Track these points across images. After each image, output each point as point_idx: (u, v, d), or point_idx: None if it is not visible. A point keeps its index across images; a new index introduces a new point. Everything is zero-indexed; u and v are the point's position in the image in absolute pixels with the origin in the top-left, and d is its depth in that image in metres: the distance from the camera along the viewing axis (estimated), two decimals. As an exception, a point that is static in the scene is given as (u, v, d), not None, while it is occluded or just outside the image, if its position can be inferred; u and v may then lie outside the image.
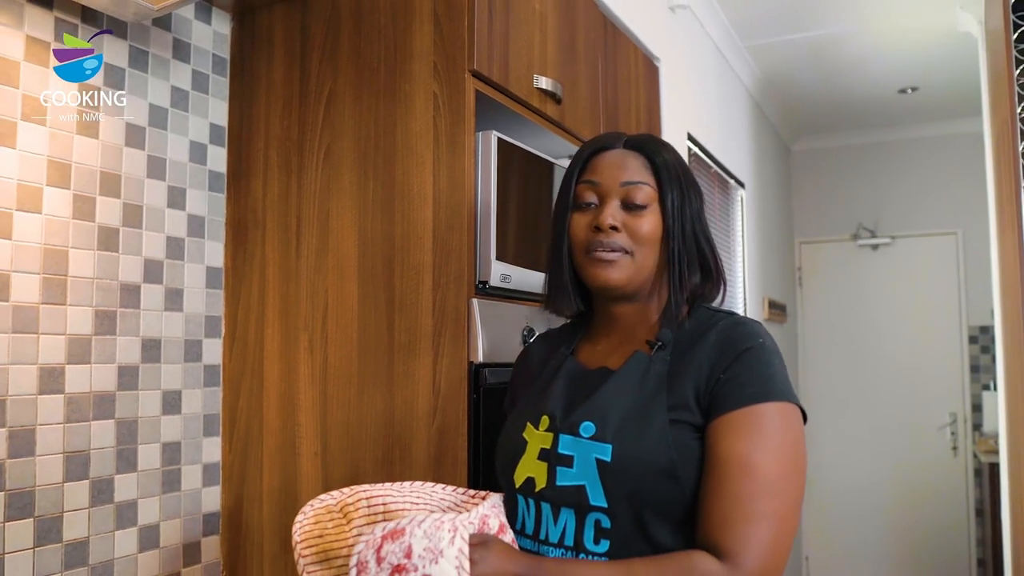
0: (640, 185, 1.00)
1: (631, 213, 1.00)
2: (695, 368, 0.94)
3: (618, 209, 1.00)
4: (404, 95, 1.46)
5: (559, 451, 0.94)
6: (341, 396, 1.49)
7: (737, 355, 0.92)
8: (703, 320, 1.01)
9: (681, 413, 0.91)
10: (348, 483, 1.46)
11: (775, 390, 0.90)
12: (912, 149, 4.82)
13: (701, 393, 0.92)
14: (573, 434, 0.94)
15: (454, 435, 1.36)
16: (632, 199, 1.00)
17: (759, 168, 4.09)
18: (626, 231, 0.99)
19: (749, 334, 0.95)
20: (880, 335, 4.79)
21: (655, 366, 0.96)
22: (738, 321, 0.99)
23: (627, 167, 1.02)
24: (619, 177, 1.01)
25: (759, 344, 0.94)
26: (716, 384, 0.91)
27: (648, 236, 0.99)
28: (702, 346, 0.95)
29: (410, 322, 1.42)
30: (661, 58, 2.44)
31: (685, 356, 0.96)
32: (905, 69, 3.84)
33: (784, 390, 0.92)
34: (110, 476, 1.41)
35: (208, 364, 1.62)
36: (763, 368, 0.92)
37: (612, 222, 0.99)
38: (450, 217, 1.39)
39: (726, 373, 0.91)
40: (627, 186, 1.00)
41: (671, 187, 1.00)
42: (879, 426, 4.73)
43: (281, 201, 1.59)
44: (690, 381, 0.93)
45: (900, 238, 4.84)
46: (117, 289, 1.44)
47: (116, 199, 1.44)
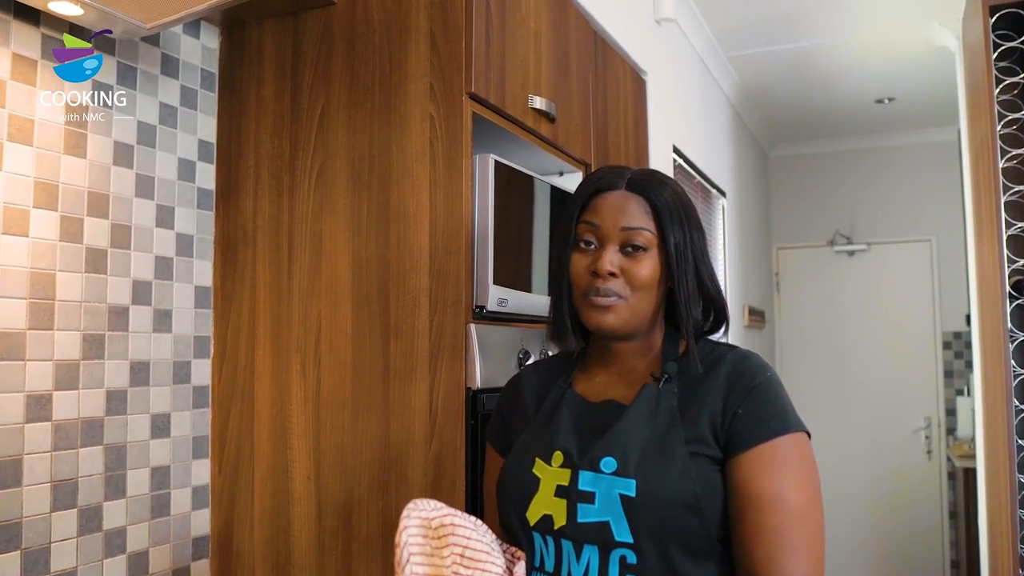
0: (640, 231, 1.00)
1: (630, 257, 1.00)
2: (708, 402, 0.96)
3: (616, 254, 1.00)
4: (399, 116, 1.45)
5: (580, 488, 0.94)
6: (335, 420, 1.47)
7: (750, 390, 0.95)
8: (706, 353, 1.02)
9: (699, 447, 0.94)
10: (342, 508, 1.44)
11: (790, 422, 0.95)
12: (888, 157, 4.90)
13: (718, 428, 0.94)
14: (594, 470, 0.94)
15: (452, 462, 1.35)
16: (631, 243, 1.00)
17: (739, 176, 4.12)
18: (624, 276, 1.00)
19: (758, 368, 0.98)
20: (856, 340, 4.86)
21: (664, 399, 0.98)
22: (744, 355, 1.01)
23: (627, 211, 1.01)
24: (619, 221, 1.01)
25: (768, 378, 0.97)
26: (733, 419, 0.94)
27: (645, 281, 1.00)
28: (712, 381, 0.97)
29: (406, 347, 1.41)
30: (648, 71, 2.45)
31: (695, 390, 0.98)
32: (882, 80, 3.90)
33: (796, 420, 0.96)
34: (98, 504, 1.38)
35: (197, 385, 1.59)
36: (776, 401, 0.96)
37: (610, 268, 0.99)
38: (447, 241, 1.38)
39: (743, 407, 0.94)
40: (627, 231, 1.00)
41: (672, 230, 1.00)
42: (854, 430, 4.80)
43: (272, 221, 1.57)
44: (704, 415, 0.95)
45: (876, 244, 4.91)
46: (105, 312, 1.41)
47: (104, 219, 1.41)
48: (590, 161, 1.93)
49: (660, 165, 2.58)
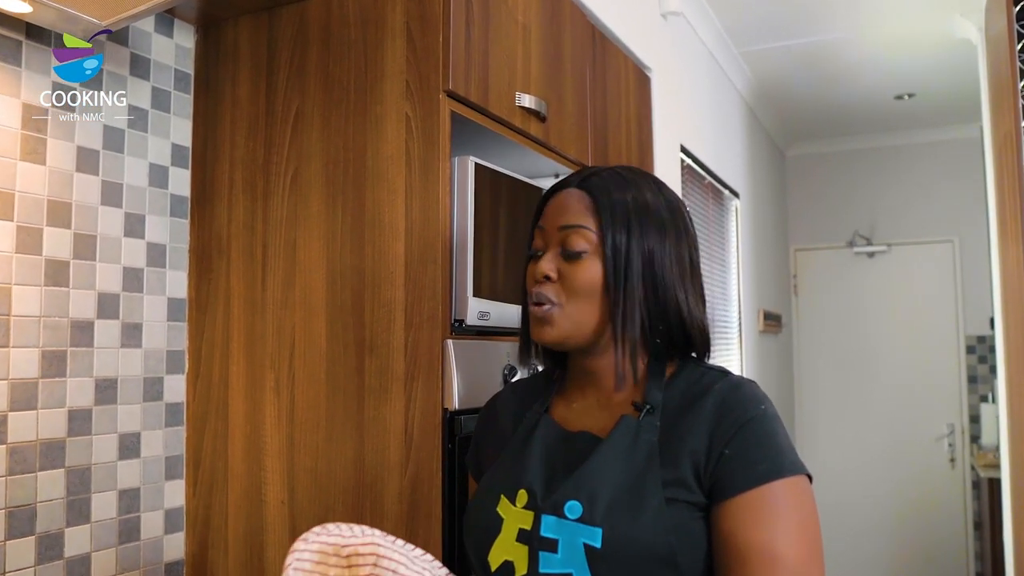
0: (577, 229, 0.91)
1: (569, 261, 0.91)
2: (692, 439, 0.85)
3: (555, 257, 0.92)
4: (375, 117, 1.36)
5: (542, 534, 0.84)
6: (309, 441, 1.39)
7: (740, 426, 0.83)
8: (694, 380, 0.91)
9: (678, 491, 0.83)
10: (317, 534, 1.36)
11: (786, 464, 0.83)
12: (908, 155, 4.75)
13: (702, 469, 0.83)
14: (557, 515, 0.84)
15: (427, 488, 1.26)
16: (569, 245, 0.91)
17: (753, 176, 4.00)
18: (561, 281, 0.91)
19: (750, 400, 0.86)
20: (876, 344, 4.71)
21: (644, 433, 0.87)
22: (735, 384, 0.89)
23: (568, 209, 0.93)
24: (559, 220, 0.93)
25: (762, 412, 0.85)
26: (720, 460, 0.83)
27: (582, 286, 0.90)
28: (697, 413, 0.86)
29: (381, 364, 1.32)
30: (653, 68, 2.35)
31: (678, 422, 0.87)
32: (901, 75, 3.76)
33: (793, 462, 0.84)
34: (59, 530, 1.31)
35: (170, 402, 1.52)
36: (770, 439, 0.84)
37: (545, 271, 0.92)
38: (423, 251, 1.29)
39: (730, 447, 0.83)
40: (565, 230, 0.92)
41: (615, 230, 0.90)
42: (875, 437, 4.65)
43: (246, 228, 1.49)
44: (686, 454, 0.84)
45: (896, 245, 4.76)
46: (67, 327, 1.33)
47: (66, 229, 1.34)
48: (587, 162, 1.83)
49: (666, 165, 2.47)
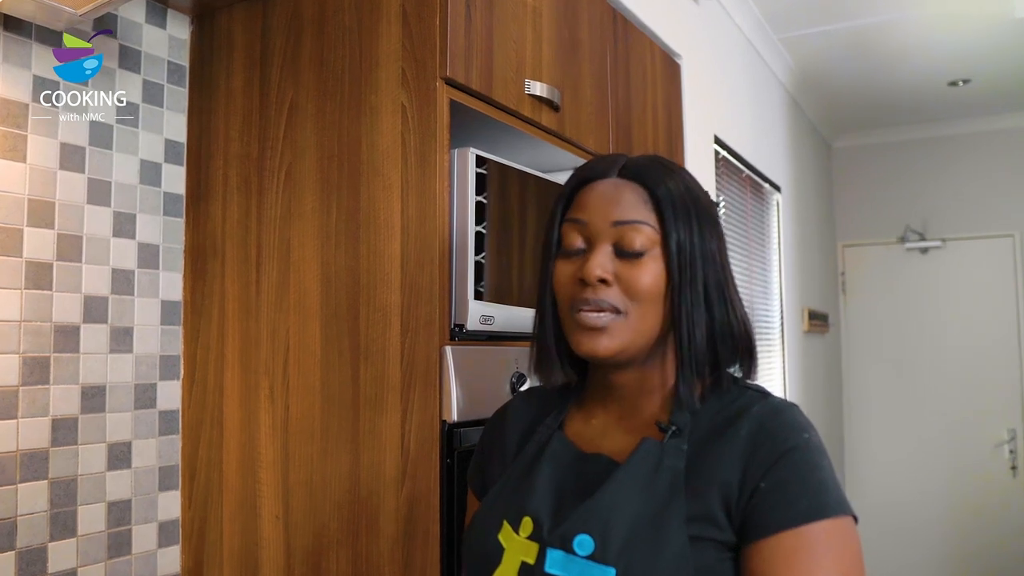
0: (637, 225, 0.80)
1: (626, 261, 0.80)
2: (723, 468, 0.75)
3: (609, 256, 0.80)
4: (370, 107, 1.27)
5: (546, 570, 0.75)
6: (303, 453, 1.30)
7: (779, 457, 0.73)
8: (729, 400, 0.81)
9: (704, 527, 0.73)
10: (312, 554, 1.28)
11: (829, 502, 0.72)
12: (964, 145, 4.49)
13: (733, 504, 0.73)
14: (565, 549, 0.75)
15: (425, 506, 1.17)
16: (627, 243, 0.80)
17: (797, 169, 3.82)
18: (619, 284, 0.80)
19: (791, 427, 0.76)
20: (931, 345, 4.47)
21: (668, 459, 0.77)
22: (776, 408, 0.78)
23: (621, 202, 0.81)
24: (610, 215, 0.81)
25: (804, 441, 0.75)
26: (754, 494, 0.73)
27: (648, 291, 0.79)
28: (731, 439, 0.76)
29: (377, 372, 1.23)
30: (683, 54, 2.21)
31: (708, 449, 0.77)
32: (955, 59, 3.53)
33: (839, 500, 0.73)
34: (42, 544, 1.25)
35: (164, 410, 1.45)
36: (812, 474, 0.73)
37: (601, 274, 0.79)
38: (420, 251, 1.19)
39: (766, 481, 0.73)
40: (620, 226, 0.80)
41: (678, 226, 0.80)
42: (930, 444, 4.41)
43: (241, 227, 1.41)
44: (716, 486, 0.74)
45: (951, 241, 4.51)
46: (50, 332, 1.27)
47: (48, 230, 1.27)
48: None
49: (699, 157, 2.34)
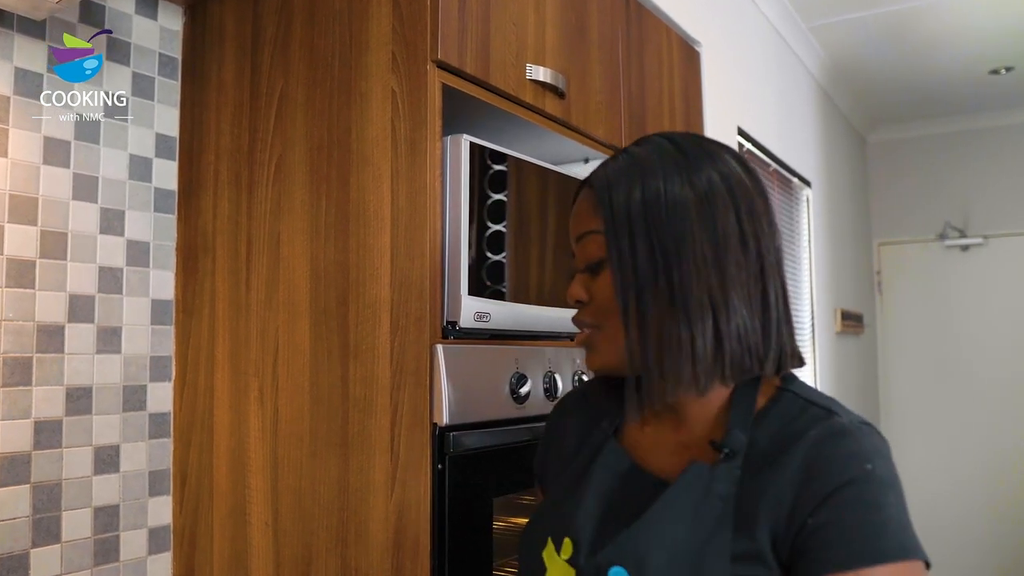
0: (589, 236, 0.77)
1: (594, 275, 0.78)
2: (774, 500, 0.67)
3: (583, 275, 0.80)
4: (359, 94, 1.20)
5: None
6: (293, 457, 1.24)
7: (833, 491, 0.64)
8: (790, 417, 0.71)
9: (751, 567, 0.66)
10: (300, 561, 1.21)
11: (892, 546, 0.63)
12: (1006, 136, 4.30)
13: (780, 537, 0.66)
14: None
15: (415, 514, 1.10)
16: (586, 256, 0.78)
17: (829, 163, 3.68)
18: (594, 300, 0.78)
19: (851, 456, 0.66)
20: (972, 347, 4.28)
21: (718, 484, 0.69)
22: (837, 431, 0.68)
23: (578, 215, 0.80)
24: (574, 231, 0.81)
25: (866, 473, 0.65)
26: (802, 531, 0.65)
27: (607, 302, 0.76)
28: (785, 465, 0.67)
29: (366, 372, 1.16)
30: (702, 42, 2.12)
31: (761, 476, 0.69)
32: (996, 45, 3.36)
33: (904, 543, 0.64)
34: (24, 550, 1.20)
35: (155, 412, 1.40)
36: (871, 511, 0.64)
37: (575, 295, 0.79)
38: (410, 244, 1.13)
39: (816, 517, 0.64)
40: (579, 241, 0.79)
41: (617, 232, 0.73)
42: (970, 450, 4.23)
43: (231, 223, 1.36)
44: (765, 517, 0.66)
45: (993, 238, 4.32)
46: (33, 331, 1.23)
47: (31, 227, 1.23)
48: (620, 144, 1.63)
49: (720, 150, 2.24)
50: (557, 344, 1.37)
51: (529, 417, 1.25)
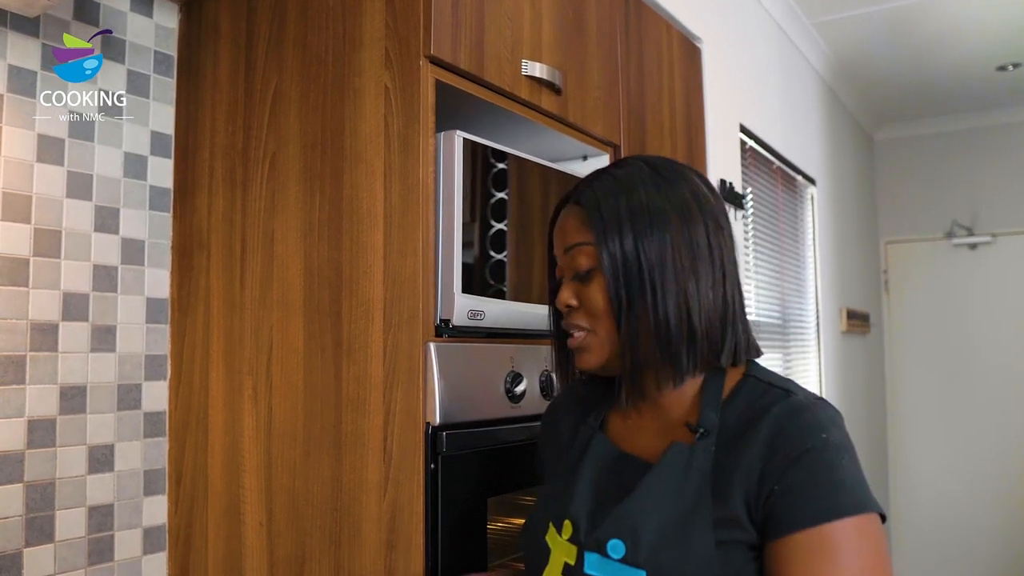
0: (579, 247, 0.86)
1: (583, 283, 0.86)
2: (745, 471, 0.77)
3: (571, 282, 0.88)
4: (353, 91, 1.19)
5: (585, 571, 0.81)
6: (286, 456, 1.23)
7: (796, 457, 0.75)
8: (754, 398, 0.82)
9: (731, 531, 0.76)
10: (294, 562, 1.21)
11: (847, 502, 0.74)
12: (1015, 134, 4.26)
13: (752, 504, 0.76)
14: (600, 553, 0.80)
15: (408, 514, 1.09)
16: (576, 266, 0.87)
17: (835, 161, 3.65)
18: (583, 306, 0.86)
19: (809, 428, 0.76)
20: (981, 347, 4.25)
21: (697, 460, 0.80)
22: (796, 407, 0.79)
23: (566, 228, 0.89)
24: (562, 243, 0.89)
25: (822, 442, 0.75)
26: (771, 496, 0.75)
27: (602, 306, 0.84)
28: (752, 440, 0.78)
29: (359, 370, 1.15)
30: (703, 38, 2.10)
31: (734, 450, 0.79)
32: (1004, 41, 3.33)
33: (859, 498, 0.74)
34: (17, 550, 1.20)
35: (149, 412, 1.39)
36: (828, 473, 0.74)
37: (565, 301, 0.87)
38: (403, 241, 1.12)
39: (781, 484, 0.74)
40: (569, 252, 0.87)
41: (607, 239, 0.83)
42: (979, 450, 4.19)
43: (226, 221, 1.35)
44: (739, 487, 0.76)
45: (1002, 236, 4.28)
46: (26, 330, 1.22)
47: (24, 224, 1.23)
48: (618, 141, 1.61)
49: (722, 146, 2.22)
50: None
51: (525, 416, 1.24)
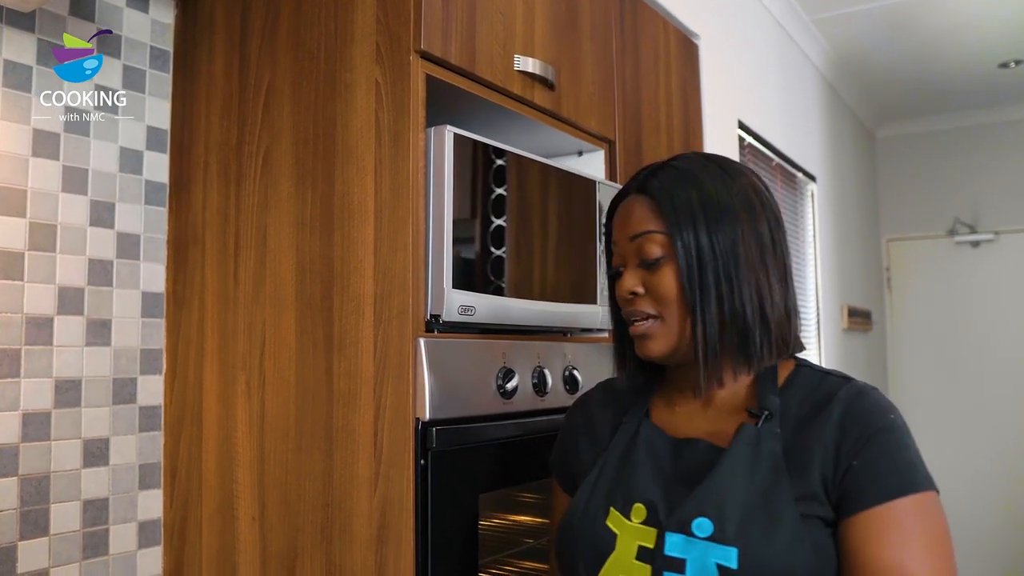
0: (649, 235, 0.88)
1: (650, 271, 0.88)
2: (820, 450, 0.81)
3: (636, 270, 0.90)
4: (344, 86, 1.20)
5: (667, 553, 0.81)
6: (279, 451, 1.24)
7: (870, 436, 0.80)
8: (813, 385, 0.87)
9: (810, 506, 0.79)
10: (286, 557, 1.21)
11: (917, 478, 0.80)
12: (1017, 131, 4.25)
13: (829, 482, 0.80)
14: (684, 533, 0.81)
15: (398, 511, 1.09)
16: (645, 254, 0.88)
17: (835, 159, 3.64)
18: (649, 293, 0.88)
19: (880, 409, 0.83)
20: (982, 343, 4.24)
21: (765, 442, 0.83)
22: (860, 391, 0.85)
23: (632, 217, 0.91)
24: (628, 231, 0.91)
25: (891, 422, 0.82)
26: (848, 473, 0.79)
27: (672, 293, 0.86)
28: (823, 422, 0.82)
29: (350, 365, 1.16)
30: (701, 35, 2.10)
31: (804, 431, 0.83)
32: (1006, 38, 3.32)
33: (926, 476, 0.81)
34: (11, 543, 1.20)
35: (145, 406, 1.40)
36: (901, 452, 0.80)
37: (630, 288, 0.89)
38: (393, 236, 1.12)
39: (859, 459, 0.79)
40: (636, 240, 0.89)
41: (681, 229, 0.86)
42: (982, 451, 4.19)
43: (220, 216, 1.36)
44: (816, 466, 0.80)
45: (1005, 234, 4.27)
46: (21, 323, 1.23)
47: (20, 218, 1.23)
48: (613, 137, 1.61)
49: (720, 142, 2.22)
50: (547, 339, 1.36)
51: (517, 413, 1.24)
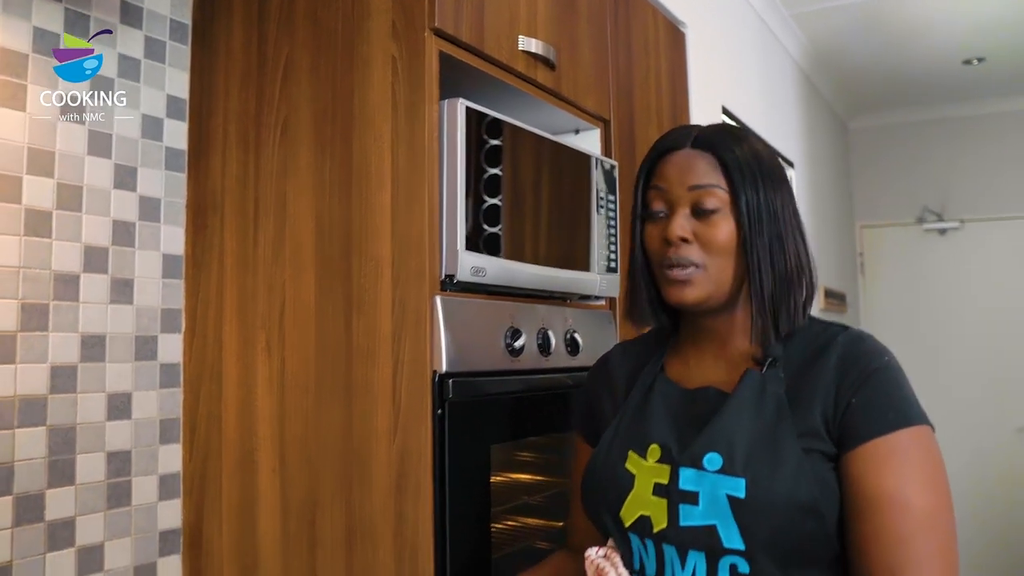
0: (710, 188, 0.92)
1: (702, 220, 0.92)
2: (821, 390, 0.87)
3: (687, 218, 0.93)
4: (362, 60, 1.27)
5: (680, 487, 0.87)
6: (299, 406, 1.31)
7: (867, 376, 0.86)
8: (814, 334, 0.93)
9: (812, 441, 0.85)
10: (306, 506, 1.29)
11: (913, 413, 0.85)
12: (980, 125, 4.42)
13: (830, 420, 0.86)
14: (696, 467, 0.86)
15: (417, 459, 1.17)
16: (701, 204, 0.92)
17: (811, 146, 3.77)
18: (698, 242, 0.92)
19: (875, 351, 0.88)
20: (950, 327, 4.41)
21: (770, 386, 0.89)
22: (858, 336, 0.91)
23: (694, 169, 0.93)
24: (686, 181, 0.93)
25: (886, 363, 0.87)
26: (847, 410, 0.85)
27: (723, 245, 0.91)
28: (823, 366, 0.88)
29: (369, 323, 1.23)
30: (688, 24, 2.19)
31: (804, 375, 0.89)
32: (969, 37, 3.46)
33: (921, 411, 0.86)
34: (39, 491, 1.27)
35: (165, 363, 1.46)
36: (897, 389, 0.86)
37: (682, 233, 0.92)
38: (409, 201, 1.20)
39: (857, 397, 0.85)
40: (696, 190, 0.92)
41: (746, 188, 0.91)
42: (950, 431, 4.26)
43: (239, 183, 1.42)
44: (817, 405, 0.86)
45: (970, 222, 4.44)
46: (49, 279, 1.29)
47: (48, 179, 1.29)
48: (608, 117, 1.70)
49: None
50: (549, 303, 1.45)
51: (523, 370, 1.33)
